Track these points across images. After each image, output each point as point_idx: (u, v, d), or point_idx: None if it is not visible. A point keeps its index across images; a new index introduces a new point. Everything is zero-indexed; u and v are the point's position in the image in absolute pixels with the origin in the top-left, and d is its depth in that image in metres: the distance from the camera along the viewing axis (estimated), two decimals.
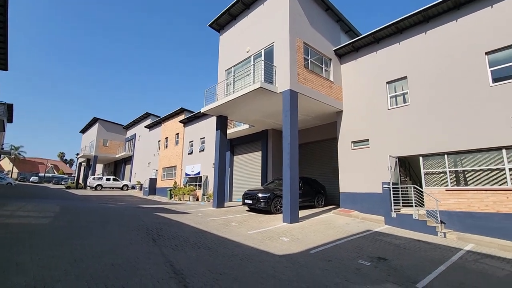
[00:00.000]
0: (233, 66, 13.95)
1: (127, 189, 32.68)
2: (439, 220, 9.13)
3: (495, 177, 8.75)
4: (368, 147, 12.01)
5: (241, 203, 13.28)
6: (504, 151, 8.58)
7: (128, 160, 37.82)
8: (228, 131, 17.59)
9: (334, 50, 13.33)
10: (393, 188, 10.17)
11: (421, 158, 10.44)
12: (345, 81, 13.41)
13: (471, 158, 9.30)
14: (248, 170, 18.60)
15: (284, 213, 10.20)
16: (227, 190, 18.57)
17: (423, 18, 10.69)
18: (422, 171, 10.37)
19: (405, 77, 11.19)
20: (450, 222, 9.29)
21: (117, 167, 42.29)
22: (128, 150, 37.37)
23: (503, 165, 8.57)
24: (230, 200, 18.90)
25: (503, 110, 8.65)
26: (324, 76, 12.67)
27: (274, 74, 11.39)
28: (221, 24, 15.06)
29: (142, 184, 29.91)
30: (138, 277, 4.32)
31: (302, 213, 11.57)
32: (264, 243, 7.21)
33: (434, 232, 8.82)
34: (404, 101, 11.25)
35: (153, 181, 27.10)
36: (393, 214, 9.88)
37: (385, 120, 11.56)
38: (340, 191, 12.80)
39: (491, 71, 9.12)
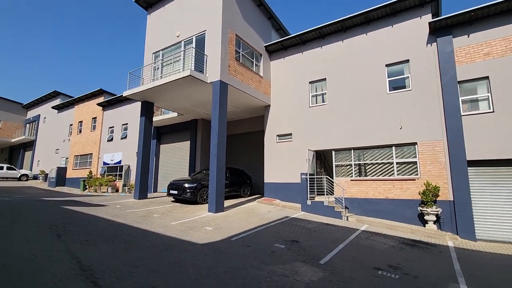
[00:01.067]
0: (162, 50, 13.15)
1: (26, 180, 27.76)
2: (344, 206, 10.60)
3: (386, 169, 10.60)
4: (291, 140, 13.00)
5: (166, 194, 12.83)
6: (393, 148, 10.44)
7: (29, 145, 32.08)
8: (155, 118, 16.63)
9: (265, 46, 13.84)
10: (309, 178, 11.31)
11: (333, 152, 11.87)
12: (274, 77, 14.11)
13: (371, 153, 11.02)
14: (175, 159, 17.99)
15: (210, 203, 10.31)
16: (152, 181, 17.65)
17: (341, 28, 11.99)
18: (334, 163, 11.81)
19: (325, 79, 12.44)
20: (352, 207, 10.87)
21: (13, 153, 35.43)
22: (29, 134, 31.65)
23: (392, 159, 10.44)
24: (155, 191, 18.02)
25: (395, 115, 10.48)
26: (254, 70, 13.06)
27: (204, 63, 11.21)
28: (149, 2, 13.95)
29: (47, 174, 25.86)
30: (36, 277, 3.84)
31: (228, 202, 11.88)
32: (186, 233, 7.19)
33: (339, 216, 10.20)
34: (323, 101, 12.52)
35: (62, 171, 23.72)
36: (308, 202, 11.01)
37: (307, 116, 12.67)
38: (264, 181, 13.57)
39: (388, 81, 10.90)
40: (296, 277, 4.69)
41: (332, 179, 11.52)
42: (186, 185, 11.81)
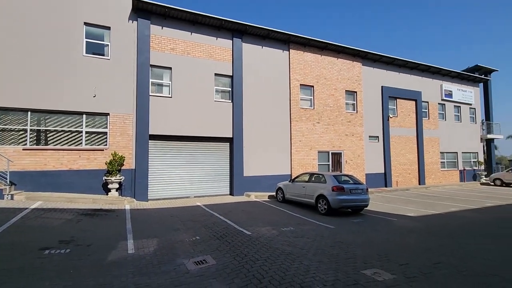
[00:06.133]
0: None
1: None
2: (9, 182, 8.26)
3: (73, 138, 9.64)
4: None
5: None
6: (84, 116, 9.73)
7: None
8: None
9: None
10: None
11: None
12: None
13: (56, 118, 9.46)
14: None
15: None
16: None
17: None
18: None
19: None
20: (22, 183, 8.77)
21: None
22: None
23: (82, 128, 9.71)
24: None
25: (90, 80, 9.76)
26: None
27: None
28: None
29: None
30: None
31: None
32: None
33: (1, 196, 7.80)
34: None
35: None
36: None
37: None
38: None
39: (86, 42, 9.89)
40: None
41: None
42: None
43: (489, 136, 21.23)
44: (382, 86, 16.31)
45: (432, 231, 6.83)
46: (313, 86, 14.12)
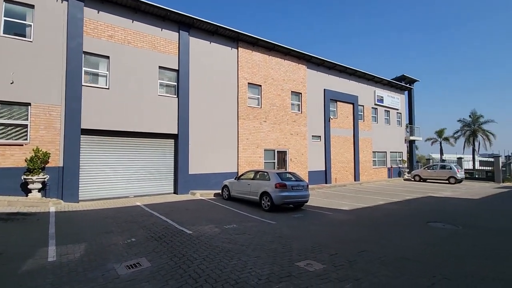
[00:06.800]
0: None
1: None
2: None
3: None
4: None
5: None
6: None
7: None
8: None
9: None
10: None
11: None
12: None
13: None
14: None
15: None
16: None
17: None
18: None
19: None
20: None
21: None
22: None
23: None
24: None
25: (7, 64, 8.39)
26: None
27: None
28: None
29: None
30: None
31: None
32: None
33: None
34: None
35: None
36: None
37: None
38: None
39: (4, 20, 8.49)
40: None
41: None
42: None
43: (412, 138, 24.31)
44: (324, 89, 17.40)
45: (361, 222, 7.55)
46: (260, 86, 14.38)
